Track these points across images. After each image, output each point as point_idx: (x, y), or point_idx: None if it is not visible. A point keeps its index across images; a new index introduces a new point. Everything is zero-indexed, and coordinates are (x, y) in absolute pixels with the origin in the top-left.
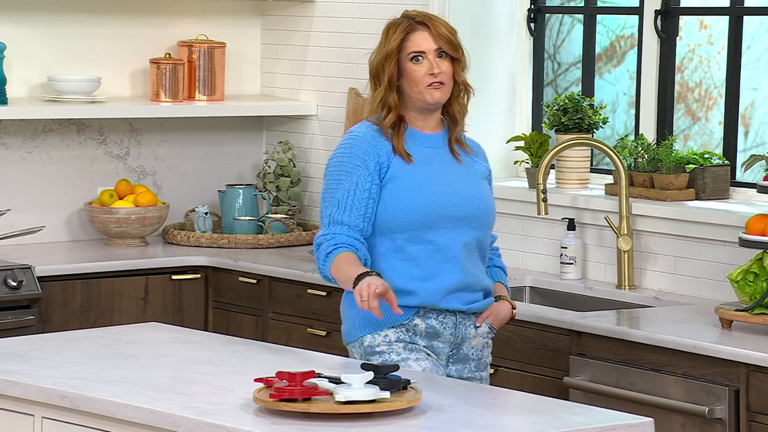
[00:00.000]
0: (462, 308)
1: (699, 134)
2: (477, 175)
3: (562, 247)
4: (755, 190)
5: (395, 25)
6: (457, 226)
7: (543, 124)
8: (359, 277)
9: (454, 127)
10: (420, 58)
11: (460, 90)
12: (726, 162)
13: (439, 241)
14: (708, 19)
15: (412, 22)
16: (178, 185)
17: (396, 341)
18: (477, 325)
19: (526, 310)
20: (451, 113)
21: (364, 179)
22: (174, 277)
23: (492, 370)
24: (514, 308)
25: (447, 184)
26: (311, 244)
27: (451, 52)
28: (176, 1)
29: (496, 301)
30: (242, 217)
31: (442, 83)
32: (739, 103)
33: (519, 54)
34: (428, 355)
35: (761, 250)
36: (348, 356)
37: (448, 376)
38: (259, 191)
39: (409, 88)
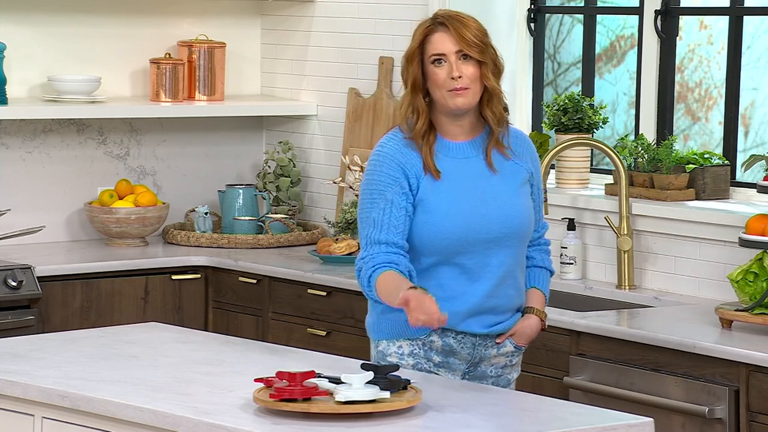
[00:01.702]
0: (481, 332)
1: (699, 134)
2: (515, 184)
3: (562, 247)
4: (755, 190)
5: (420, 25)
6: (488, 248)
7: (543, 124)
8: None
9: (491, 134)
10: (441, 60)
11: (490, 95)
12: (726, 162)
13: (467, 265)
14: (708, 19)
15: (434, 22)
16: (178, 185)
17: (409, 354)
18: (498, 342)
19: None
20: (485, 120)
21: (399, 197)
22: (174, 277)
23: None
24: (543, 321)
25: (479, 203)
26: (311, 244)
27: (475, 54)
28: (176, 1)
29: (524, 314)
30: (242, 217)
31: (465, 88)
32: (739, 103)
33: (519, 54)
34: (437, 376)
35: (761, 250)
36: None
37: None
38: (259, 191)
39: (433, 91)
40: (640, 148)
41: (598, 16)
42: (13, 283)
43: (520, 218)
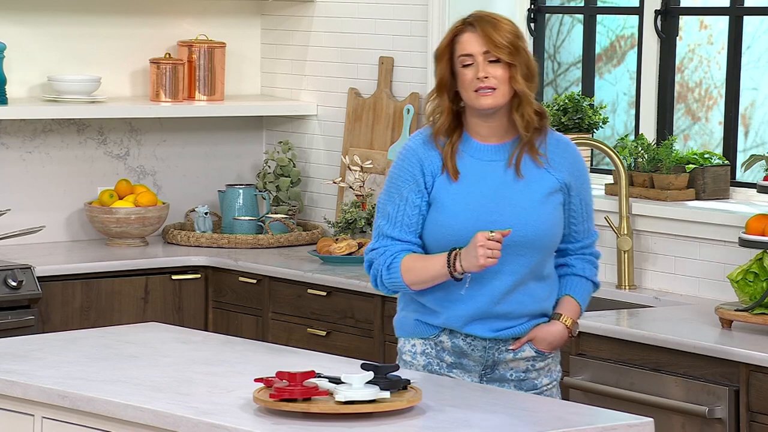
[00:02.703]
0: (488, 336)
1: (699, 134)
2: (540, 193)
3: None
4: (755, 190)
5: (452, 25)
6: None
7: None
8: (450, 254)
9: (523, 139)
10: (469, 62)
11: (520, 99)
12: (726, 162)
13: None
14: (708, 19)
15: (464, 23)
16: (178, 185)
17: (421, 354)
18: (511, 348)
19: None
20: (516, 124)
21: (414, 195)
22: (174, 277)
23: None
24: (569, 328)
25: (492, 208)
26: (311, 244)
27: (503, 56)
28: (176, 1)
29: (551, 320)
30: (242, 217)
31: (491, 88)
32: (739, 103)
33: None
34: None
35: (761, 250)
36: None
37: None
38: (259, 191)
39: (462, 92)
40: (640, 148)
41: (598, 16)
42: (13, 283)
43: (537, 227)
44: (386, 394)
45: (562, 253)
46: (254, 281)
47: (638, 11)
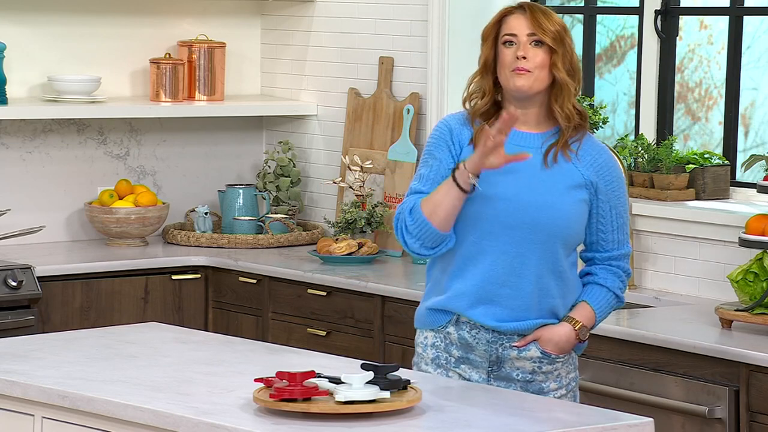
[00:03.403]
0: (490, 324)
1: (699, 134)
2: (564, 184)
3: None
4: (755, 190)
5: (503, 8)
6: (507, 235)
7: None
8: (455, 170)
9: (561, 134)
10: (512, 42)
11: (560, 88)
12: (726, 162)
13: (483, 245)
14: (708, 19)
15: (515, 7)
16: (178, 185)
17: (431, 346)
18: (515, 345)
19: None
20: (554, 114)
21: (446, 155)
22: (174, 277)
23: None
24: (577, 332)
25: (509, 188)
26: (311, 244)
27: (548, 40)
28: (176, 1)
29: (560, 322)
30: (242, 217)
31: (527, 70)
32: (739, 103)
33: None
34: (459, 375)
35: (761, 250)
36: None
37: None
38: (259, 191)
39: (499, 72)
40: (640, 148)
41: (598, 16)
42: (13, 283)
43: (552, 214)
44: (386, 394)
45: (589, 262)
46: (254, 281)
47: (638, 11)
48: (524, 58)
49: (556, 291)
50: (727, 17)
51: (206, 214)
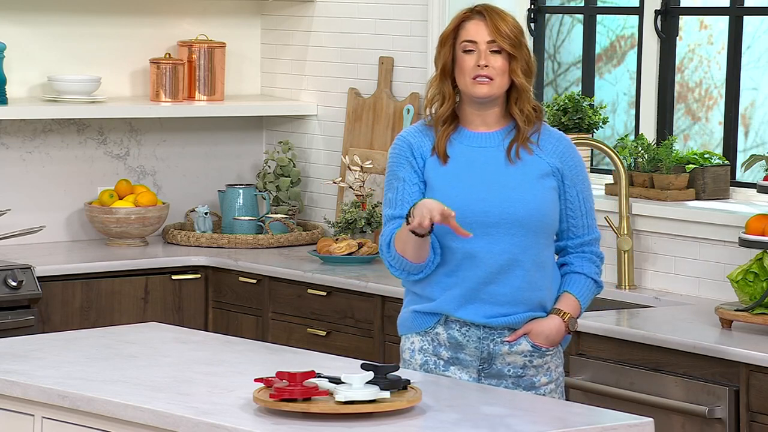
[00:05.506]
0: (481, 321)
1: (699, 134)
2: (532, 175)
3: None
4: (755, 190)
5: (458, 12)
6: (489, 234)
7: None
8: (411, 208)
9: (519, 130)
10: (472, 49)
11: (519, 93)
12: (726, 162)
13: (469, 248)
14: (708, 19)
15: (472, 11)
16: (178, 185)
17: (419, 350)
18: (507, 340)
19: None
20: (513, 117)
21: (410, 174)
22: (174, 277)
23: None
24: (566, 323)
25: (481, 188)
26: (311, 244)
27: (507, 47)
28: (176, 1)
29: (549, 314)
30: (242, 217)
31: (489, 78)
32: (739, 103)
33: None
34: (437, 376)
35: (761, 250)
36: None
37: None
38: (259, 191)
39: (458, 78)
40: (640, 148)
41: (598, 16)
42: (13, 283)
43: (527, 206)
44: (386, 394)
45: (562, 252)
46: (254, 281)
47: (638, 11)
48: (486, 66)
49: (543, 282)
50: (727, 17)
51: (206, 214)
